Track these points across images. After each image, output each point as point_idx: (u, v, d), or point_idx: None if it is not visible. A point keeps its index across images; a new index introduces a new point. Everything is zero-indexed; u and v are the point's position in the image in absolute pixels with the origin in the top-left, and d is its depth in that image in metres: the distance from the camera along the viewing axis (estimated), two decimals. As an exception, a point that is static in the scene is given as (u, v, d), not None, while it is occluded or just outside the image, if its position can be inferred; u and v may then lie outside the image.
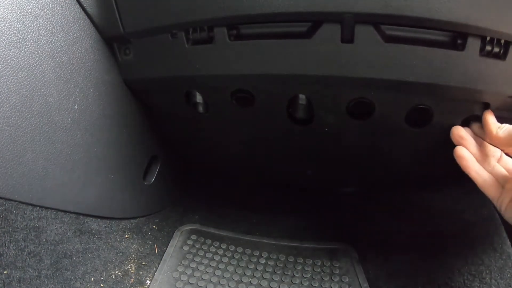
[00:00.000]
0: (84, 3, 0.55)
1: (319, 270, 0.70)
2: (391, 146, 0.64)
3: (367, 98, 0.53)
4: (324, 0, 0.45)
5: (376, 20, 0.46)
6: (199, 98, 0.63)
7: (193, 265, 0.69)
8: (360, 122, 0.57)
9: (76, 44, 0.54)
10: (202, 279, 0.66)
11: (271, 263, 0.71)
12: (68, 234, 0.55)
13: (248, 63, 0.52)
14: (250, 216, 0.87)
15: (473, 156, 0.52)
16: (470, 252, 0.66)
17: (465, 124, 0.55)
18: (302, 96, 0.56)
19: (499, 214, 0.66)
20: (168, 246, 0.73)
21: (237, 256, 0.72)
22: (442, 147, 0.61)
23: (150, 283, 0.63)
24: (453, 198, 0.74)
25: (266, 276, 0.68)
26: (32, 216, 0.49)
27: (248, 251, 0.74)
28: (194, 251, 0.73)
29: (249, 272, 0.68)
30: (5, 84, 0.44)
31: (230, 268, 0.69)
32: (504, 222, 0.64)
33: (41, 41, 0.48)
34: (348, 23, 0.46)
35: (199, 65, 0.54)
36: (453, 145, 0.58)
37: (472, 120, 0.54)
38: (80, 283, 0.55)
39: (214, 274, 0.67)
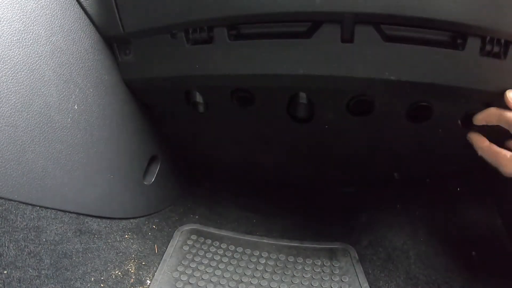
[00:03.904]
0: (84, 3, 0.55)
1: (319, 270, 0.70)
2: (392, 143, 0.64)
3: (367, 96, 0.53)
4: (324, 0, 0.45)
5: (376, 20, 0.46)
6: (199, 98, 0.63)
7: (193, 265, 0.69)
8: (360, 119, 0.57)
9: (76, 44, 0.54)
10: (202, 279, 0.66)
11: (271, 263, 0.71)
12: (68, 234, 0.55)
13: (248, 63, 0.52)
14: (250, 216, 0.87)
15: None
16: (471, 252, 0.66)
17: (465, 120, 0.55)
18: (302, 95, 0.56)
19: (500, 214, 0.66)
20: (168, 246, 0.73)
21: (237, 256, 0.72)
22: (442, 144, 0.61)
23: (150, 283, 0.63)
24: (453, 198, 0.74)
25: (266, 276, 0.68)
26: (32, 216, 0.49)
27: (248, 251, 0.74)
28: (194, 251, 0.73)
29: (249, 272, 0.68)
30: (5, 84, 0.44)
31: (230, 268, 0.69)
32: (505, 222, 0.64)
33: (41, 41, 0.48)
34: (348, 23, 0.46)
35: (199, 65, 0.54)
36: (452, 142, 0.58)
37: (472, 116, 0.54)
38: (80, 283, 0.55)
39: (214, 274, 0.67)
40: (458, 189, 0.74)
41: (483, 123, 0.51)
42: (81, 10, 0.55)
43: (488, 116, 0.50)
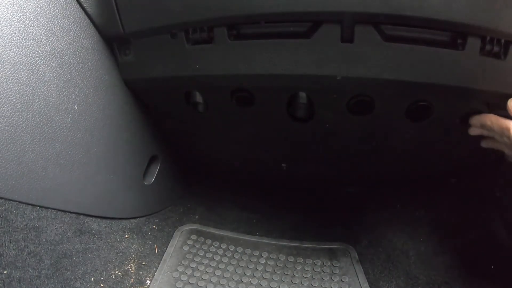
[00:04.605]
0: (84, 3, 0.55)
1: (319, 270, 0.70)
2: (392, 141, 0.64)
3: (367, 95, 0.53)
4: (324, 0, 0.45)
5: (376, 20, 0.46)
6: (199, 98, 0.63)
7: (193, 265, 0.69)
8: (360, 118, 0.57)
9: (76, 44, 0.54)
10: (202, 279, 0.66)
11: (271, 263, 0.71)
12: (68, 234, 0.55)
13: (248, 63, 0.52)
14: (250, 216, 0.87)
15: None
16: (470, 251, 0.66)
17: (464, 119, 0.55)
18: (302, 94, 0.56)
19: (500, 214, 0.66)
20: (168, 246, 0.73)
21: (237, 256, 0.72)
22: (442, 142, 0.61)
23: (150, 283, 0.63)
24: (453, 198, 0.74)
25: (266, 276, 0.68)
26: (32, 216, 0.49)
27: (248, 251, 0.74)
28: (194, 251, 0.73)
29: (249, 272, 0.68)
30: (5, 84, 0.44)
31: (230, 268, 0.69)
32: (505, 222, 0.64)
33: (41, 41, 0.48)
34: (347, 22, 0.46)
35: (199, 65, 0.54)
36: (452, 140, 0.58)
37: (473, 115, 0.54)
38: (80, 283, 0.55)
39: (214, 274, 0.67)
40: (457, 189, 0.74)
41: (477, 126, 0.52)
42: (81, 10, 0.55)
43: (484, 118, 0.50)
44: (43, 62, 0.49)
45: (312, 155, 0.73)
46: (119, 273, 0.62)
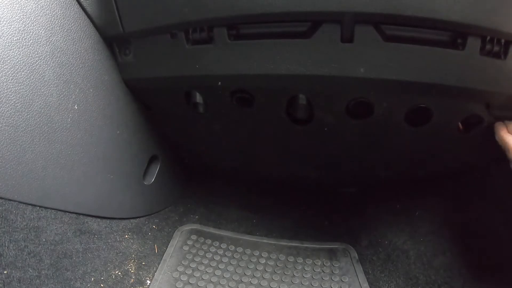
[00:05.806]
0: (84, 3, 0.55)
1: (319, 270, 0.70)
2: (391, 145, 0.64)
3: (366, 98, 0.53)
4: (324, 0, 0.45)
5: (375, 20, 0.46)
6: (199, 98, 0.63)
7: (193, 265, 0.69)
8: (359, 122, 0.57)
9: (76, 44, 0.54)
10: (202, 279, 0.66)
11: (271, 263, 0.71)
12: (68, 234, 0.55)
13: (247, 63, 0.52)
14: (250, 216, 0.87)
15: None
16: (470, 252, 0.66)
17: (464, 123, 0.55)
18: (302, 96, 0.56)
19: (500, 214, 0.66)
20: (168, 246, 0.73)
21: (237, 256, 0.72)
22: (441, 146, 0.61)
23: (150, 283, 0.63)
24: (453, 198, 0.74)
25: (266, 276, 0.68)
26: (32, 216, 0.49)
27: (248, 251, 0.74)
28: (194, 251, 0.73)
29: (249, 272, 0.68)
30: (5, 84, 0.44)
31: (230, 268, 0.69)
32: (505, 222, 0.64)
33: (41, 41, 0.48)
34: (347, 22, 0.46)
35: (199, 65, 0.54)
36: (452, 144, 0.58)
37: (472, 119, 0.54)
38: (80, 283, 0.55)
39: (214, 274, 0.67)
40: (456, 190, 0.74)
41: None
42: (81, 10, 0.55)
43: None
44: (43, 62, 0.49)
45: (311, 156, 0.73)
46: (119, 273, 0.62)
